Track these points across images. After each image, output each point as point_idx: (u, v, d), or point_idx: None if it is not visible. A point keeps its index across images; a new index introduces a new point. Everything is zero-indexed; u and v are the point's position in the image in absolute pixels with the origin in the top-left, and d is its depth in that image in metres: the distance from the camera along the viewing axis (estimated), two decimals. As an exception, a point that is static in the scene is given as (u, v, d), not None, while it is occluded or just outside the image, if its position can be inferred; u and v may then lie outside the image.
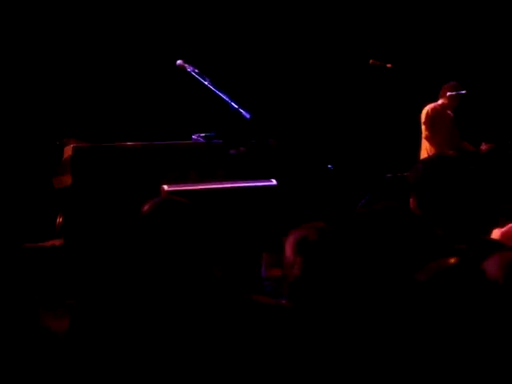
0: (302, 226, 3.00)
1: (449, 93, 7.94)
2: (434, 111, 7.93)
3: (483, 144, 8.04)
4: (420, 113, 7.99)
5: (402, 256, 1.75)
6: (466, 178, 3.77)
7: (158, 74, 8.03)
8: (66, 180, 4.80)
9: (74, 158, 4.74)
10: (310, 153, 8.49)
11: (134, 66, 8.32)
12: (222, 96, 5.18)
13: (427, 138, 7.89)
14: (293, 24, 8.96)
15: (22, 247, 4.87)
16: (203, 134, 5.11)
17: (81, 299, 2.64)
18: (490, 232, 4.07)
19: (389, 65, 7.87)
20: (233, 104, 5.13)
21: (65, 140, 5.55)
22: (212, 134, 5.10)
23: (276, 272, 4.31)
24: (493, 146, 8.02)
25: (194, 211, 2.64)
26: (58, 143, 5.54)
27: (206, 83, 5.27)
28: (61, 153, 4.99)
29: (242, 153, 5.38)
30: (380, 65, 7.92)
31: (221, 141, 5.09)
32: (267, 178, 4.94)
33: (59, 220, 5.42)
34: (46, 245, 4.92)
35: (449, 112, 8.05)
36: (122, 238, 4.23)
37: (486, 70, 9.14)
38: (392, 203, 1.85)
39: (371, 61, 7.97)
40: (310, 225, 3.00)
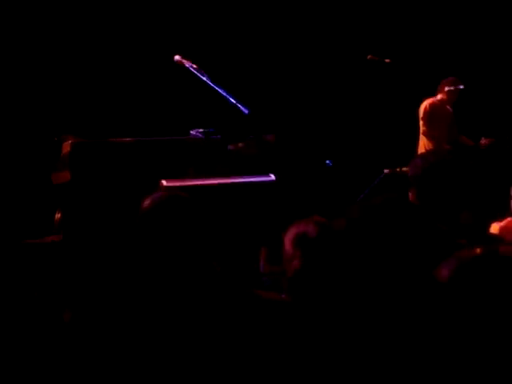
0: (301, 221, 3.00)
1: (447, 88, 7.92)
2: (432, 106, 7.91)
3: (483, 138, 8.04)
4: (418, 108, 7.98)
5: (403, 248, 1.74)
6: (463, 172, 3.76)
7: (155, 69, 8.02)
8: (65, 176, 4.80)
9: (72, 153, 4.74)
10: (308, 148, 8.48)
11: (132, 61, 8.31)
12: (220, 91, 5.17)
13: (425, 134, 7.87)
14: (291, 19, 8.95)
15: (20, 243, 4.87)
16: (201, 130, 5.10)
17: (81, 294, 2.64)
18: (488, 226, 4.08)
19: (387, 60, 7.87)
20: (231, 99, 5.12)
21: (63, 136, 5.55)
22: (210, 130, 5.09)
23: (275, 267, 4.31)
24: (492, 140, 8.02)
25: (196, 206, 2.64)
26: (56, 139, 5.53)
27: (204, 79, 5.26)
28: (59, 149, 4.99)
29: (240, 148, 5.38)
30: (378, 60, 7.91)
31: (219, 136, 5.09)
32: (266, 173, 4.94)
33: (58, 216, 5.42)
34: (45, 241, 4.92)
35: (448, 107, 8.03)
36: (121, 234, 4.23)
37: (484, 65, 9.13)
38: (392, 195, 1.84)
39: (369, 56, 7.96)
40: (309, 219, 2.99)
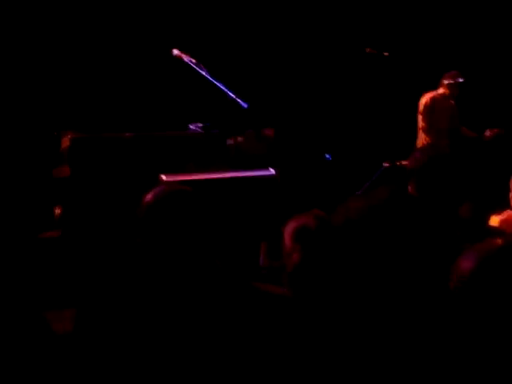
0: (301, 215, 3.00)
1: (446, 81, 7.90)
2: (433, 100, 7.87)
3: (488, 130, 8.00)
4: (417, 101, 7.96)
5: (404, 242, 1.74)
6: (462, 165, 3.77)
7: (154, 63, 8.01)
8: (64, 171, 4.80)
9: (71, 148, 4.74)
10: (307, 142, 8.48)
11: (131, 56, 8.30)
12: (219, 86, 5.16)
13: (424, 130, 7.83)
14: (290, 13, 8.93)
15: (21, 238, 4.87)
16: (200, 124, 5.10)
17: (85, 289, 2.63)
18: (488, 219, 4.08)
19: (385, 53, 7.85)
20: (230, 93, 5.11)
21: (62, 131, 5.55)
22: (209, 125, 5.09)
23: (275, 262, 4.31)
24: (497, 131, 7.97)
25: (199, 199, 2.64)
26: (55, 134, 5.53)
27: (203, 73, 5.26)
28: (58, 143, 4.99)
29: (239, 142, 5.38)
30: (376, 53, 7.90)
31: (218, 130, 5.09)
32: (265, 167, 4.93)
33: (58, 211, 5.42)
34: (45, 236, 4.92)
35: (449, 101, 7.99)
36: (121, 228, 4.23)
37: (487, 56, 9.11)
38: (392, 187, 1.83)
39: (368, 49, 7.95)
40: (309, 213, 2.99)
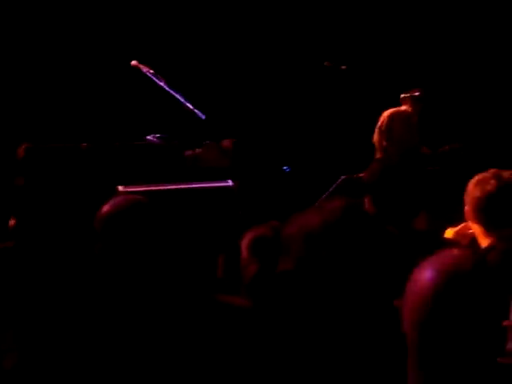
0: (258, 226, 2.99)
1: (402, 95, 7.85)
2: (391, 117, 7.67)
3: (447, 147, 7.94)
4: (375, 113, 7.94)
5: (361, 252, 1.74)
6: (417, 177, 3.79)
7: (112, 74, 7.96)
8: (19, 181, 4.74)
9: (25, 158, 4.69)
10: (266, 154, 8.49)
11: (89, 66, 8.24)
12: (177, 96, 5.15)
13: (380, 147, 7.59)
14: (249, 23, 8.96)
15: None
16: (158, 135, 5.08)
17: (34, 303, 2.59)
18: (443, 231, 4.11)
19: (343, 66, 7.89)
20: (188, 104, 5.10)
21: (18, 141, 5.48)
22: (167, 136, 5.07)
23: (232, 273, 4.29)
24: (455, 146, 7.89)
25: (156, 210, 2.61)
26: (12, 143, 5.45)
27: (161, 84, 5.24)
28: (15, 153, 4.93)
29: (197, 154, 5.36)
30: (335, 66, 7.93)
31: (176, 141, 5.07)
32: (224, 178, 4.92)
33: (12, 222, 5.34)
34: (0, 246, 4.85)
35: (410, 117, 7.71)
36: (77, 239, 4.18)
37: (446, 69, 9.16)
38: (350, 201, 1.84)
39: (326, 62, 7.98)
40: (266, 225, 2.99)
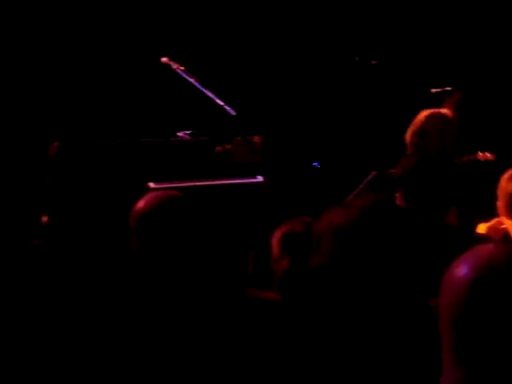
0: (289, 222, 3.00)
1: (433, 90, 7.70)
2: (429, 119, 7.37)
3: (479, 153, 7.54)
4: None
5: (393, 249, 1.73)
6: (451, 172, 3.77)
7: (143, 71, 8.00)
8: (51, 178, 4.78)
9: (57, 155, 4.72)
10: (296, 150, 8.48)
11: (120, 64, 8.28)
12: (207, 93, 5.17)
13: (413, 145, 7.37)
14: (279, 20, 8.94)
15: (8, 246, 4.83)
16: (189, 132, 5.09)
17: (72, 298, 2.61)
18: (476, 227, 4.09)
19: (373, 61, 7.86)
20: (218, 101, 5.12)
21: (51, 139, 5.52)
22: (197, 132, 5.09)
23: (264, 268, 4.30)
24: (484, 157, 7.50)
25: (193, 205, 2.61)
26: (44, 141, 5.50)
27: (192, 80, 5.25)
28: (47, 151, 4.96)
29: (227, 150, 5.37)
30: (366, 62, 7.90)
31: (207, 138, 5.08)
32: (253, 175, 4.93)
33: (44, 219, 5.39)
34: (32, 244, 4.89)
35: (449, 119, 7.40)
36: (109, 237, 4.21)
37: (485, 66, 9.04)
38: (381, 196, 1.83)
39: (356, 57, 7.96)
40: (297, 220, 2.99)
